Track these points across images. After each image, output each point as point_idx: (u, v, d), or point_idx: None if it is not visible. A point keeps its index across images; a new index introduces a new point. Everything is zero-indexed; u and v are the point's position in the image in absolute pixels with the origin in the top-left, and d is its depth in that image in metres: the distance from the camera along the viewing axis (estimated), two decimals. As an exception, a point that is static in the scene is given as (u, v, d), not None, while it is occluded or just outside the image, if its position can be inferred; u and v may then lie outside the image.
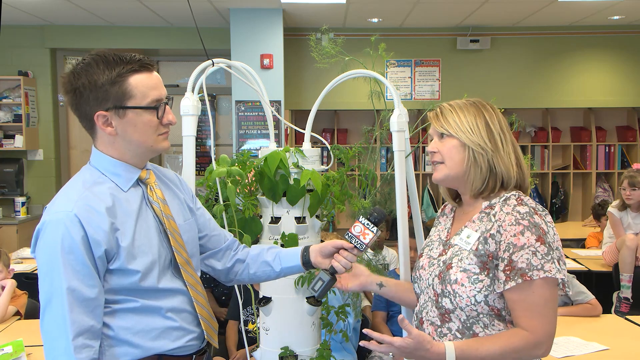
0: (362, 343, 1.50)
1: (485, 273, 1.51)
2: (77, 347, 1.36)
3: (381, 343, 1.47)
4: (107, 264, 1.42)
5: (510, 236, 1.47)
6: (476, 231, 1.55)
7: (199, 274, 1.66)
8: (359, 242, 1.67)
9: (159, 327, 1.49)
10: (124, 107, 1.45)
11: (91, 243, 1.39)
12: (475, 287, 1.50)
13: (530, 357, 1.50)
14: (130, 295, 1.46)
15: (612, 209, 4.37)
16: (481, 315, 1.52)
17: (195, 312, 1.57)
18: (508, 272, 1.46)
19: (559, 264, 1.48)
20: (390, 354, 1.50)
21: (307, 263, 1.75)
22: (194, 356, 1.58)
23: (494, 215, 1.53)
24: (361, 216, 1.69)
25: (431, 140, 1.66)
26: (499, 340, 1.48)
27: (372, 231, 1.67)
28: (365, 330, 1.47)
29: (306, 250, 1.76)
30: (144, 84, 1.46)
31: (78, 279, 1.37)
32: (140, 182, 1.54)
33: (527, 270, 1.44)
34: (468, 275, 1.51)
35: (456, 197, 1.73)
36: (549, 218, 1.52)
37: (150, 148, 1.51)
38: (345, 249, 1.69)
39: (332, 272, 1.69)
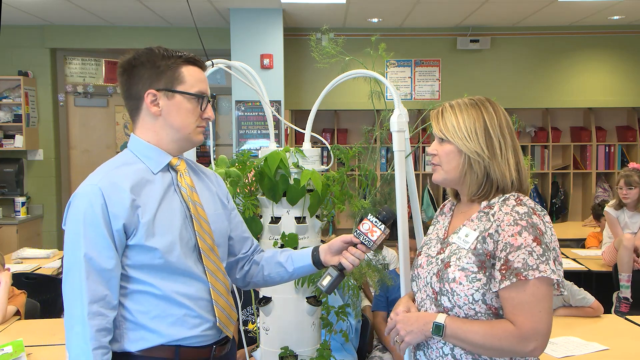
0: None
1: (483, 272, 1.51)
2: (91, 312, 1.43)
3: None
4: (125, 240, 1.48)
5: (508, 236, 1.48)
6: (475, 230, 1.56)
7: (225, 265, 1.69)
8: (367, 239, 1.68)
9: (175, 313, 1.52)
10: (174, 90, 1.55)
11: (110, 216, 1.46)
12: (473, 286, 1.51)
13: (517, 352, 1.50)
14: (149, 276, 1.50)
15: (608, 209, 4.38)
16: (479, 314, 1.53)
17: (212, 301, 1.58)
18: (504, 272, 1.47)
19: (555, 264, 1.48)
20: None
21: (317, 262, 1.76)
22: (214, 347, 1.59)
23: (493, 215, 1.54)
24: (369, 214, 1.70)
25: (433, 140, 1.67)
26: (484, 324, 1.51)
27: (380, 229, 1.68)
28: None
29: (316, 249, 1.78)
30: (194, 76, 1.59)
31: (96, 249, 1.45)
32: (171, 168, 1.60)
33: (522, 270, 1.45)
34: (466, 274, 1.52)
35: (457, 193, 1.73)
36: (547, 218, 1.53)
37: (187, 136, 1.59)
38: (354, 246, 1.70)
39: (341, 269, 1.69)
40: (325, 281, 1.68)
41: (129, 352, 1.50)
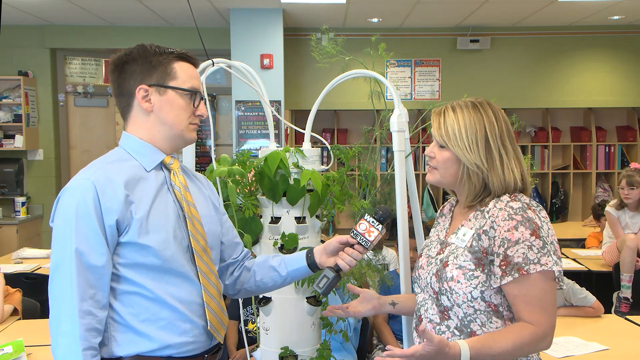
0: None
1: (481, 269, 1.51)
2: (81, 311, 1.38)
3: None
4: (118, 237, 1.44)
5: (504, 231, 1.48)
6: (471, 229, 1.56)
7: (221, 267, 1.67)
8: (364, 239, 1.66)
9: (166, 317, 1.48)
10: (166, 85, 1.54)
11: (103, 211, 1.42)
12: (471, 284, 1.51)
13: (536, 350, 1.51)
14: (140, 276, 1.46)
15: (609, 208, 4.38)
16: (478, 312, 1.53)
17: (204, 304, 1.55)
18: (504, 267, 1.47)
19: (555, 256, 1.48)
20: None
21: (312, 264, 1.73)
22: (206, 356, 1.57)
23: (488, 212, 1.54)
24: (366, 214, 1.69)
25: (433, 140, 1.66)
26: (510, 336, 1.47)
27: (377, 229, 1.66)
28: (388, 350, 1.46)
29: (310, 251, 1.74)
30: (186, 72, 1.57)
31: (88, 244, 1.40)
32: (164, 166, 1.58)
33: (523, 265, 1.45)
34: (463, 272, 1.52)
35: None
36: (543, 213, 1.53)
37: (180, 133, 1.57)
38: (351, 246, 1.68)
39: (337, 270, 1.67)
40: (322, 283, 1.66)
41: (118, 357, 1.46)
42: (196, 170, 2.05)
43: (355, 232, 1.68)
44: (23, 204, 6.22)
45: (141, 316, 1.46)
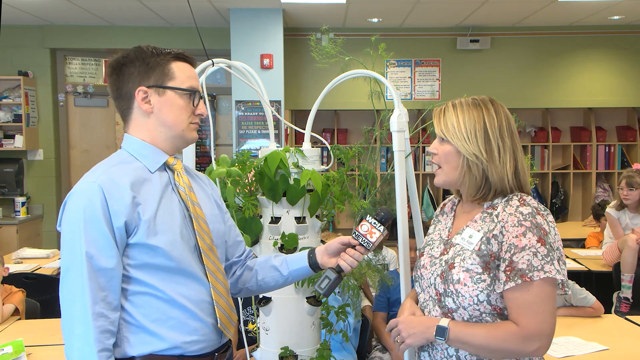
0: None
1: (487, 273, 1.51)
2: (94, 313, 1.39)
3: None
4: (126, 239, 1.45)
5: (513, 237, 1.48)
6: (478, 231, 1.56)
7: (224, 266, 1.67)
8: (366, 240, 1.67)
9: (176, 316, 1.49)
10: (165, 86, 1.54)
11: (111, 213, 1.43)
12: (478, 287, 1.51)
13: (521, 353, 1.50)
14: (150, 277, 1.47)
15: (609, 210, 4.38)
16: (484, 315, 1.53)
17: (213, 302, 1.56)
18: (508, 273, 1.47)
19: (559, 264, 1.48)
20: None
21: (313, 264, 1.74)
22: (216, 354, 1.58)
23: (497, 216, 1.54)
24: (368, 215, 1.69)
25: (434, 139, 1.67)
26: (487, 326, 1.51)
27: (379, 230, 1.67)
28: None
29: (312, 252, 1.75)
30: (184, 72, 1.58)
31: (97, 247, 1.41)
32: (167, 167, 1.59)
33: (527, 272, 1.45)
34: (471, 275, 1.52)
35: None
36: (550, 218, 1.53)
37: (180, 133, 1.58)
38: (352, 247, 1.68)
39: (339, 271, 1.67)
40: (324, 284, 1.66)
41: (131, 357, 1.47)
42: (196, 170, 2.06)
43: (357, 233, 1.68)
44: (23, 204, 6.22)
45: (152, 316, 1.48)
